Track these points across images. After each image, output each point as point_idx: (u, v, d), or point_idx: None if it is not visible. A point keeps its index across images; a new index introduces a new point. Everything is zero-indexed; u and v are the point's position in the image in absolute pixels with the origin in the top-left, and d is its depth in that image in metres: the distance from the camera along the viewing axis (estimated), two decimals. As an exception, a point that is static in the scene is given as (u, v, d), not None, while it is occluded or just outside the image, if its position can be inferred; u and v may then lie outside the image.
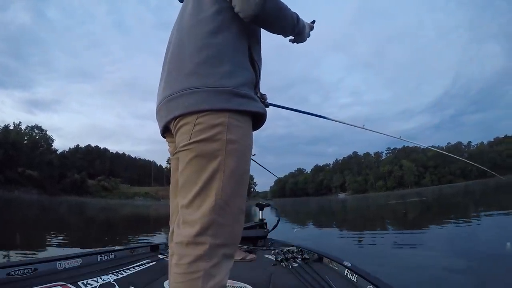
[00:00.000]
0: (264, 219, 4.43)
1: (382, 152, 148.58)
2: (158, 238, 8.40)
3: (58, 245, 6.52)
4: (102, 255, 2.75)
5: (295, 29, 1.22)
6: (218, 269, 0.94)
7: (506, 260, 4.25)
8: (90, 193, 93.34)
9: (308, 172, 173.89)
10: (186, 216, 0.99)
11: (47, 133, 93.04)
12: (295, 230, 9.76)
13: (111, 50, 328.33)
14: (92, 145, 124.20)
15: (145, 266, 2.64)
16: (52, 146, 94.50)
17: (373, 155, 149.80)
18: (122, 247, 3.09)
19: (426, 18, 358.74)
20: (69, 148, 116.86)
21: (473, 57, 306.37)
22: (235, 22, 1.08)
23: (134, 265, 2.64)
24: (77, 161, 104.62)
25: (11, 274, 2.01)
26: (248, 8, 0.99)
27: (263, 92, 1.27)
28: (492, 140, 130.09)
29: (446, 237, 6.93)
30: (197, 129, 0.97)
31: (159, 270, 2.55)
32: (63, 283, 1.99)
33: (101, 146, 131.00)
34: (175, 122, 1.04)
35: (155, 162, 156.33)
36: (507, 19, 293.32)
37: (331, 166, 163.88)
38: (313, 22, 1.41)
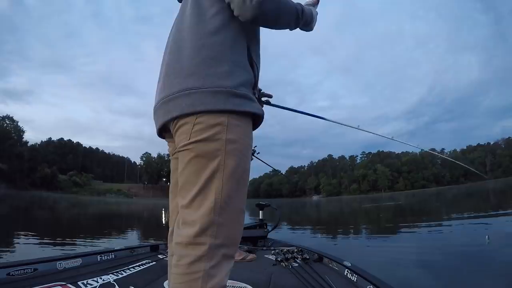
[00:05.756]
0: (264, 219, 4.45)
1: (357, 156, 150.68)
2: (130, 240, 8.32)
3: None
4: (102, 255, 2.74)
5: (300, 22, 1.19)
6: (218, 270, 0.94)
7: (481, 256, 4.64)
8: (61, 188, 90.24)
9: (283, 173, 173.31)
10: (186, 216, 0.98)
11: (19, 124, 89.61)
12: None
13: (88, 42, 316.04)
14: (65, 139, 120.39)
15: (145, 266, 2.64)
16: (23, 138, 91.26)
17: (348, 158, 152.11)
18: (122, 247, 3.07)
19: (406, 26, 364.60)
20: (41, 141, 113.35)
21: (450, 67, 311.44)
22: (234, 22, 1.07)
23: (134, 265, 2.63)
24: (48, 154, 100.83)
25: (11, 274, 2.00)
26: (245, 12, 0.99)
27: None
28: (465, 148, 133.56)
29: (432, 238, 7.22)
30: (196, 129, 0.97)
31: (159, 270, 2.55)
32: (63, 283, 1.98)
33: (74, 140, 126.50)
34: (175, 123, 1.03)
35: (129, 159, 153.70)
36: (484, 32, 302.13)
37: (306, 168, 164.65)
38: (317, 0, 1.37)
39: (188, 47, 1.05)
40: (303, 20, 1.19)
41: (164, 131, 1.16)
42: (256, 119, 1.12)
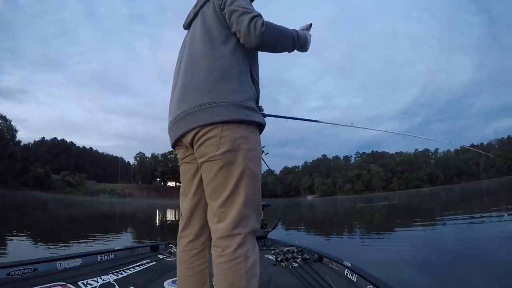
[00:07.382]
0: (264, 219, 4.43)
1: (351, 156, 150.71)
2: (128, 241, 8.18)
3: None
4: (102, 255, 2.73)
5: (296, 45, 1.41)
6: (252, 251, 1.17)
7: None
8: (54, 188, 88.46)
9: (277, 173, 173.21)
10: (221, 214, 1.19)
11: (11, 123, 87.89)
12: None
13: (81, 40, 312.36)
14: (58, 138, 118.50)
15: (145, 266, 2.64)
16: (16, 137, 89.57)
17: (342, 158, 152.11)
18: (122, 247, 3.05)
19: (400, 27, 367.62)
20: (34, 140, 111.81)
21: (443, 68, 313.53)
22: (240, 47, 1.30)
23: (134, 265, 2.63)
24: (41, 154, 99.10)
25: (11, 274, 1.99)
26: (250, 41, 1.23)
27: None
28: (459, 148, 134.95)
29: (431, 237, 7.22)
30: (223, 141, 1.17)
31: (159, 270, 2.55)
32: (63, 283, 1.98)
33: (68, 139, 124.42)
34: (197, 133, 1.20)
35: (122, 158, 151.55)
36: (477, 33, 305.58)
37: (300, 168, 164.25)
38: (310, 25, 1.57)
39: (203, 70, 1.25)
40: (299, 44, 1.41)
41: (178, 141, 1.34)
42: (261, 128, 1.34)
